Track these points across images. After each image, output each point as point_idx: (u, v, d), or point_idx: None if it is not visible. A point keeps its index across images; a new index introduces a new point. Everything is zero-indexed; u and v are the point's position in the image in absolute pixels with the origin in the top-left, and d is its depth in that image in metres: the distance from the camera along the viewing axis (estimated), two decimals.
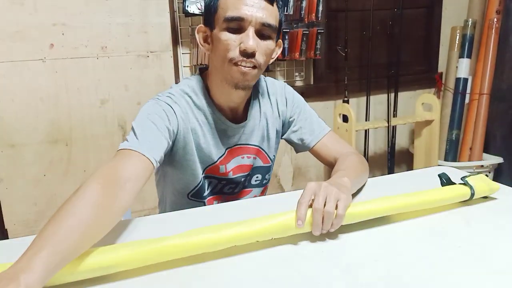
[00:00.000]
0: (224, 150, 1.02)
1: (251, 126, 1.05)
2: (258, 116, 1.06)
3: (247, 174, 1.08)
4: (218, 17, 0.90)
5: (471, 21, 2.54)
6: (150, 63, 2.10)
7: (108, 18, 1.99)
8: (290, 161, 2.50)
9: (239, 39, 0.88)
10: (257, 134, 1.06)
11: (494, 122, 2.67)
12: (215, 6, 0.90)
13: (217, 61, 0.92)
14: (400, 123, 2.44)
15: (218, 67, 0.93)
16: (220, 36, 0.89)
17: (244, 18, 0.87)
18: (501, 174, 2.65)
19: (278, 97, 1.09)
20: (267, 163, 1.11)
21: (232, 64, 0.89)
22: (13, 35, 1.86)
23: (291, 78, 2.40)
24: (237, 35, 0.88)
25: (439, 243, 0.72)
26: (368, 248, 0.71)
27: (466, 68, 2.57)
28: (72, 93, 2.00)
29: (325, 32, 2.32)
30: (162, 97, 0.95)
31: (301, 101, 1.12)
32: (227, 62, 0.90)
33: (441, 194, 0.83)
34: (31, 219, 2.03)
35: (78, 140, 2.05)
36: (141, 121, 0.88)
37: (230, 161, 1.03)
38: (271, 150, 1.10)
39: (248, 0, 0.87)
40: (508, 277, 0.61)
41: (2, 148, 1.93)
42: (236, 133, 1.03)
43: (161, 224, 0.86)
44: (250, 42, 0.87)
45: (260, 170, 1.10)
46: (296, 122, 1.10)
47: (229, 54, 0.89)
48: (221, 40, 0.89)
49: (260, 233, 0.71)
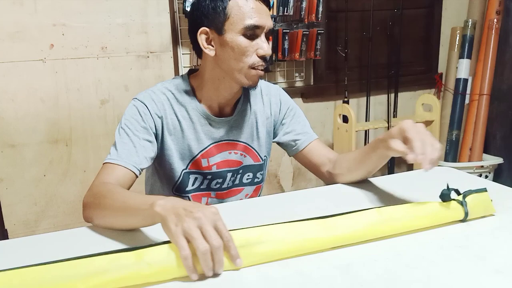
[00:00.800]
0: (208, 144, 1.05)
1: (239, 122, 1.08)
2: (248, 113, 1.09)
3: (234, 169, 1.09)
4: (231, 23, 0.94)
5: (471, 21, 2.54)
6: (150, 63, 2.10)
7: (108, 18, 1.99)
8: (290, 161, 2.50)
9: (255, 45, 0.95)
10: (246, 132, 1.09)
11: (494, 123, 2.67)
12: (225, 12, 0.94)
13: (229, 64, 0.97)
14: None
15: (230, 69, 0.97)
16: (238, 42, 0.94)
17: (261, 26, 0.94)
18: (501, 175, 2.65)
19: (272, 98, 1.13)
20: (258, 162, 1.13)
21: (252, 68, 0.96)
22: (13, 35, 1.87)
23: (291, 79, 2.40)
24: (252, 41, 0.95)
25: (439, 243, 0.72)
26: (368, 248, 0.71)
27: (466, 68, 2.57)
28: (72, 93, 2.00)
29: (325, 32, 2.32)
30: (140, 95, 1.02)
31: (294, 105, 1.17)
32: (246, 67, 0.96)
33: (433, 214, 0.77)
34: (31, 219, 2.03)
35: (78, 140, 2.05)
36: (120, 131, 0.98)
37: (215, 155, 1.06)
38: (261, 149, 1.13)
39: (259, 9, 0.95)
40: (508, 277, 0.61)
41: (2, 148, 1.93)
42: (220, 127, 1.06)
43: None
44: (267, 48, 0.96)
45: (251, 168, 1.12)
46: (289, 125, 1.14)
47: (249, 59, 0.95)
48: (239, 45, 0.94)
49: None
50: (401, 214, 0.75)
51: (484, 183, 1.01)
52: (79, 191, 2.06)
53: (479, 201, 0.80)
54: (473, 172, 2.48)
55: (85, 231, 0.82)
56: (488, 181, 1.07)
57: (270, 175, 2.45)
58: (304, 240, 0.69)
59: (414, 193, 0.92)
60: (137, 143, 0.96)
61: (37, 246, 0.77)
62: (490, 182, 1.03)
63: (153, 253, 0.63)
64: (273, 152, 1.43)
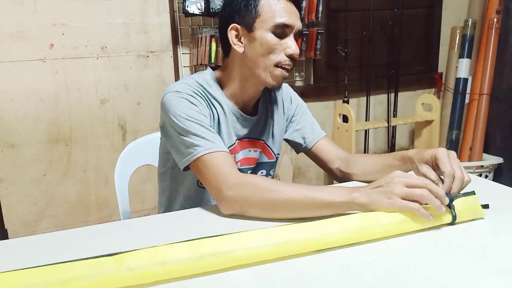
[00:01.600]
0: (235, 140, 1.06)
1: (260, 121, 1.10)
2: (265, 112, 1.11)
3: (252, 167, 1.10)
4: (262, 21, 0.95)
5: (471, 21, 2.54)
6: (150, 63, 2.10)
7: (108, 18, 1.99)
8: (290, 161, 2.50)
9: (284, 44, 0.96)
10: (264, 130, 1.11)
11: (494, 122, 2.67)
12: (257, 9, 0.95)
13: (256, 61, 0.97)
14: (400, 123, 2.44)
15: (256, 66, 0.97)
16: (267, 39, 0.95)
17: (292, 26, 0.95)
18: (501, 174, 2.65)
19: (284, 96, 1.16)
20: (272, 159, 1.14)
21: (278, 67, 0.97)
22: (13, 35, 1.87)
23: (291, 78, 2.41)
24: (281, 39, 0.96)
25: (438, 243, 0.72)
26: (368, 248, 0.71)
27: (466, 68, 2.57)
28: (72, 93, 2.00)
29: (325, 32, 2.32)
30: (179, 88, 0.97)
31: (303, 103, 1.19)
32: (273, 65, 0.96)
33: (420, 218, 0.75)
34: (31, 219, 2.03)
35: (78, 140, 2.05)
36: (187, 123, 0.92)
37: (239, 152, 1.07)
38: (275, 146, 1.14)
39: (290, 9, 0.96)
40: (508, 277, 0.61)
41: (2, 148, 1.93)
42: (247, 125, 1.07)
43: (162, 224, 0.86)
44: (295, 48, 0.96)
45: (265, 165, 1.13)
46: (298, 122, 1.16)
47: (276, 57, 0.96)
48: (268, 43, 0.95)
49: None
50: (388, 219, 0.74)
51: (484, 183, 1.02)
52: (79, 191, 2.06)
53: (468, 204, 0.79)
54: (473, 172, 2.48)
55: (85, 231, 0.82)
56: (488, 181, 1.07)
57: None
58: (286, 243, 0.68)
59: None
60: (211, 129, 0.93)
61: (37, 246, 0.77)
62: (490, 182, 1.03)
63: (133, 257, 0.62)
64: None
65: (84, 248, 0.74)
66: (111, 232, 0.81)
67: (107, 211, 2.14)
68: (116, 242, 0.76)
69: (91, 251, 0.64)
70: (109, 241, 0.77)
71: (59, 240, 0.80)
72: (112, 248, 0.65)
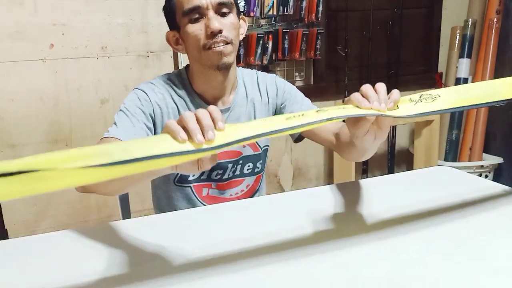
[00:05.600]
0: None
1: (237, 113, 1.08)
2: (244, 103, 1.09)
3: (234, 160, 1.09)
4: (179, 16, 0.97)
5: (471, 21, 2.54)
6: (150, 63, 2.10)
7: (108, 18, 1.99)
8: (290, 161, 2.50)
9: (204, 26, 0.94)
10: (244, 121, 1.07)
11: (494, 122, 2.66)
12: (172, 8, 0.97)
13: (194, 53, 0.98)
14: (400, 123, 2.44)
15: (196, 58, 0.98)
16: (188, 30, 0.95)
17: (200, 6, 0.93)
18: (501, 174, 2.64)
19: (268, 85, 1.13)
20: (257, 151, 1.12)
21: (207, 50, 0.95)
22: (13, 35, 1.87)
23: (291, 78, 2.40)
24: (200, 23, 0.94)
25: (438, 243, 0.72)
26: (368, 248, 0.71)
27: (466, 68, 2.57)
28: (72, 93, 2.00)
29: (325, 32, 2.32)
30: (141, 85, 1.03)
31: (292, 88, 1.15)
32: (202, 51, 0.95)
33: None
34: (31, 219, 2.03)
35: (78, 140, 2.04)
36: (119, 113, 0.97)
37: None
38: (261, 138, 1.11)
39: None
40: (508, 277, 0.61)
41: (2, 148, 1.93)
42: None
43: (162, 224, 0.86)
44: (213, 23, 0.93)
45: (250, 158, 1.12)
46: (288, 107, 1.13)
47: (201, 42, 0.94)
48: (190, 34, 0.95)
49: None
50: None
51: (484, 183, 1.02)
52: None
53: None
54: (473, 172, 2.48)
55: (85, 231, 0.82)
56: (488, 181, 1.07)
57: (270, 175, 2.45)
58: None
59: (414, 193, 0.92)
60: (136, 124, 0.95)
61: (37, 246, 0.77)
62: (490, 182, 1.02)
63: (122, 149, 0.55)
64: (273, 152, 1.42)
65: (84, 248, 0.74)
66: (111, 232, 0.81)
67: (107, 211, 2.14)
68: (116, 242, 0.76)
69: (91, 251, 0.64)
70: (109, 241, 0.77)
71: (59, 240, 0.80)
72: (112, 248, 0.65)
